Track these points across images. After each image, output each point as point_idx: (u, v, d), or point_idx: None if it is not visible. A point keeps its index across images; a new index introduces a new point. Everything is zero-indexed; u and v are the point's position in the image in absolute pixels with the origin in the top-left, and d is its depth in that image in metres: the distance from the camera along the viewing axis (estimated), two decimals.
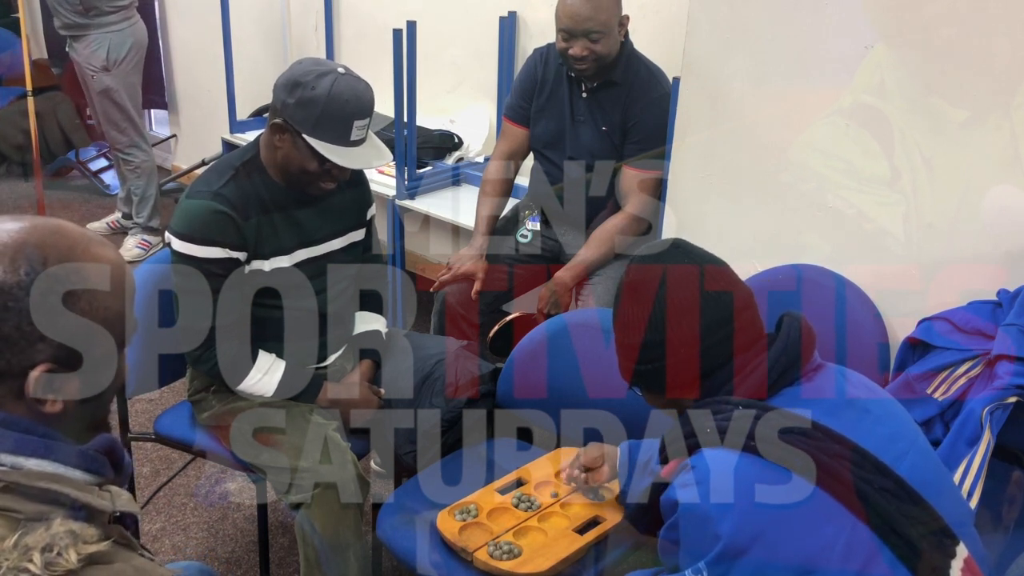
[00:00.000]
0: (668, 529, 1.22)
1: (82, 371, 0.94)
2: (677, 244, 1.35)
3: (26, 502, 0.88)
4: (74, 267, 0.93)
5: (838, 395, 1.26)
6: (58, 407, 0.94)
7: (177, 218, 1.85)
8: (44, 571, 0.84)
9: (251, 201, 1.86)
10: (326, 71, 1.79)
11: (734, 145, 2.11)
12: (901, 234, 1.89)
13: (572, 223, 2.60)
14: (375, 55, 3.62)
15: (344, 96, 1.78)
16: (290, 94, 1.79)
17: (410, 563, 1.68)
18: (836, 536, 1.13)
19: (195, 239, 1.81)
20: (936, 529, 1.17)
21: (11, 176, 4.97)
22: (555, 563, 1.59)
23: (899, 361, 1.78)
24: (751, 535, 1.12)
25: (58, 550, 0.85)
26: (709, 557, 1.14)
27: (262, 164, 1.90)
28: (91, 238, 0.98)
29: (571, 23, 2.35)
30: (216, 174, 1.88)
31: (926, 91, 1.80)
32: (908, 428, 1.28)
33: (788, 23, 1.95)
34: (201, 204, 1.82)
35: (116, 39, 3.78)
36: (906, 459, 1.21)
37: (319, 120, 1.78)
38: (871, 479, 1.15)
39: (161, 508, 2.52)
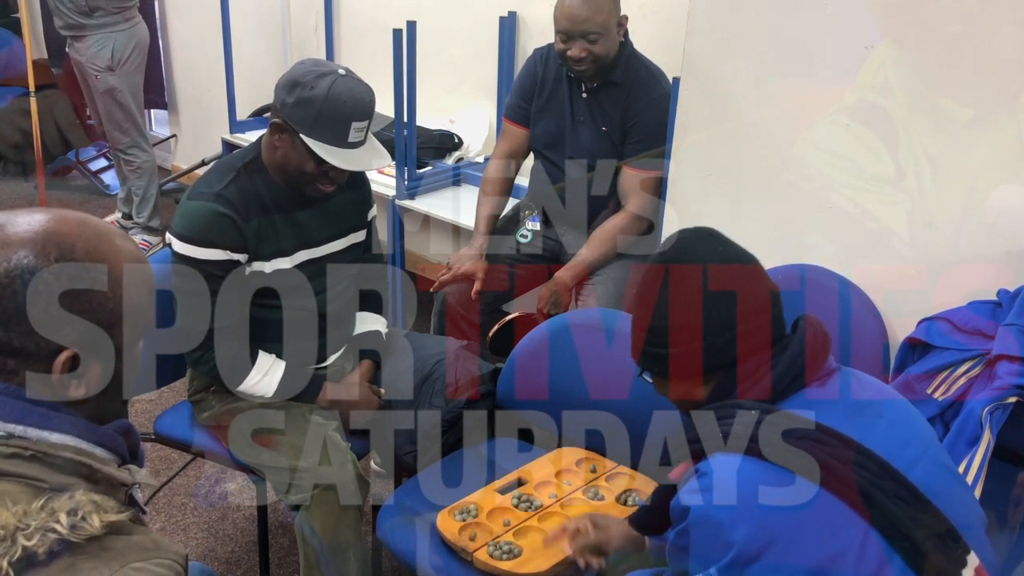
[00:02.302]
0: (678, 535, 1.21)
1: (105, 358, 0.98)
2: (711, 233, 1.32)
3: (52, 472, 0.91)
4: (102, 256, 0.97)
5: (850, 399, 1.24)
6: (81, 391, 0.97)
7: (178, 219, 1.85)
8: (70, 532, 0.87)
9: (252, 202, 1.86)
10: (326, 72, 1.79)
11: (735, 145, 2.11)
12: (906, 234, 1.89)
13: (573, 223, 2.60)
14: (375, 55, 3.62)
15: (343, 97, 1.78)
16: (289, 93, 1.79)
17: (410, 563, 1.68)
18: (849, 544, 1.12)
19: (196, 240, 1.81)
20: (942, 531, 1.16)
21: (9, 176, 4.97)
22: (555, 563, 1.59)
23: (899, 361, 1.77)
24: (764, 542, 1.11)
25: (83, 514, 0.89)
26: (721, 564, 1.12)
27: (263, 165, 1.90)
28: (115, 231, 1.02)
29: (569, 25, 2.35)
30: (217, 175, 1.87)
31: (931, 89, 1.80)
32: (922, 433, 1.27)
33: (788, 22, 1.95)
34: (202, 205, 1.81)
35: (120, 39, 3.79)
36: (918, 465, 1.20)
37: (316, 120, 1.78)
38: (876, 481, 1.15)
39: (161, 508, 2.52)
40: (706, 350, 1.25)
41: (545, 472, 1.84)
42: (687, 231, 1.33)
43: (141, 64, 3.94)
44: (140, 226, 4.13)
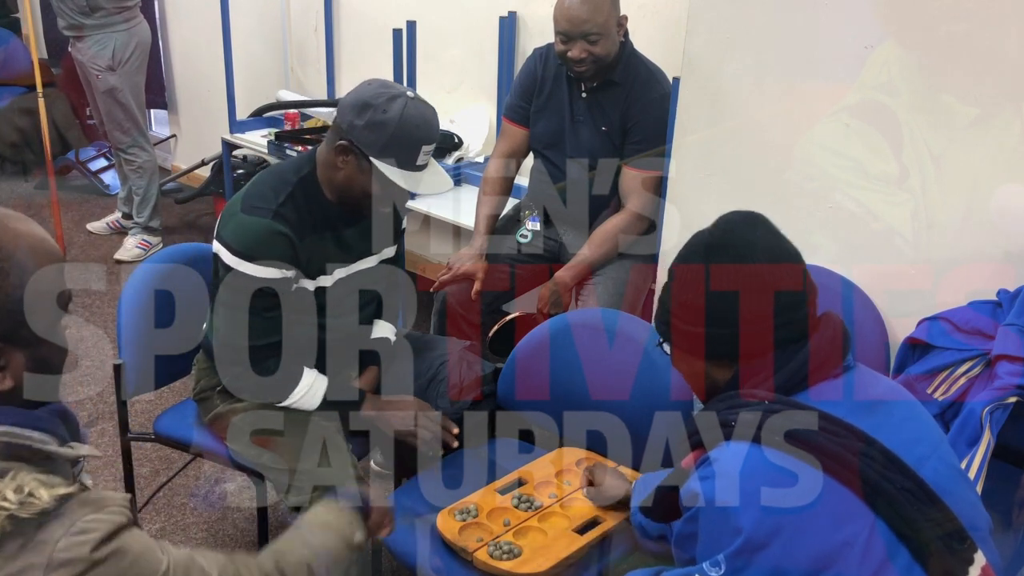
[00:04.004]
0: (686, 521, 1.22)
1: (25, 346, 0.99)
2: (754, 220, 1.31)
3: None
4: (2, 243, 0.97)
5: (862, 397, 1.25)
6: (7, 384, 0.98)
7: (233, 233, 1.79)
8: (19, 508, 0.90)
9: (306, 220, 1.83)
10: (396, 94, 1.77)
11: (735, 145, 2.11)
12: (909, 233, 1.88)
13: (573, 222, 2.60)
14: (375, 55, 3.62)
15: (415, 121, 1.76)
16: (359, 115, 1.76)
17: (410, 564, 1.68)
18: (856, 535, 1.13)
19: (252, 257, 1.76)
20: (951, 531, 1.16)
21: (9, 175, 4.97)
22: (555, 563, 1.59)
23: (899, 361, 1.77)
24: (772, 529, 1.12)
25: (29, 491, 0.91)
26: (729, 550, 1.13)
27: (317, 181, 1.87)
28: (11, 214, 1.02)
29: (568, 26, 2.35)
30: (272, 190, 1.82)
31: (935, 88, 1.79)
32: (931, 432, 1.28)
33: (789, 22, 1.95)
34: (260, 222, 1.77)
35: (121, 39, 3.79)
36: (928, 463, 1.20)
37: (388, 144, 1.76)
38: (883, 472, 1.15)
39: (161, 508, 2.52)
40: (708, 338, 1.27)
41: (545, 472, 1.84)
42: (736, 214, 1.33)
43: (142, 64, 3.94)
44: (140, 226, 4.13)
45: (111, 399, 2.06)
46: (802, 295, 1.26)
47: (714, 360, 1.29)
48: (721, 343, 1.26)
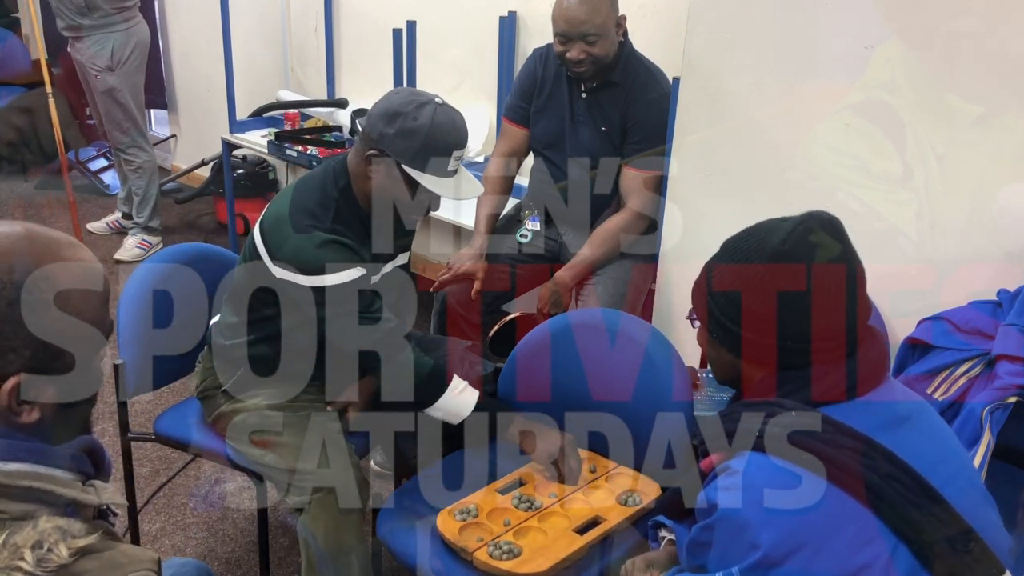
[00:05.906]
0: (702, 529, 1.19)
1: (58, 376, 0.94)
2: (810, 223, 1.24)
3: (10, 502, 0.88)
4: (54, 268, 0.92)
5: (892, 412, 1.21)
6: (35, 416, 0.93)
7: (305, 256, 1.76)
8: (37, 568, 0.84)
9: (356, 230, 1.84)
10: (424, 100, 1.77)
11: (736, 144, 2.11)
12: (913, 233, 1.88)
13: (574, 222, 2.60)
14: (375, 55, 3.62)
15: (445, 127, 1.76)
16: (388, 124, 1.76)
17: (410, 564, 1.68)
18: (876, 557, 1.10)
19: (336, 267, 1.76)
20: (956, 532, 1.14)
21: (6, 175, 4.97)
22: (555, 563, 1.59)
23: (899, 361, 1.77)
24: (791, 547, 1.09)
25: (48, 546, 0.86)
26: (744, 564, 1.11)
27: (354, 193, 1.87)
28: (64, 240, 0.97)
29: (567, 27, 2.35)
30: (320, 206, 1.82)
31: (939, 87, 1.79)
32: (957, 452, 1.25)
33: (789, 22, 1.95)
34: (322, 236, 1.77)
35: (120, 39, 3.79)
36: (954, 484, 1.17)
37: (420, 150, 1.75)
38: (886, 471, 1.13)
39: (161, 508, 2.52)
40: (711, 329, 1.26)
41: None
42: (791, 219, 1.27)
43: (141, 64, 3.95)
44: (140, 226, 4.13)
45: (111, 399, 2.06)
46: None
47: (715, 362, 1.28)
48: (796, 355, 1.20)
